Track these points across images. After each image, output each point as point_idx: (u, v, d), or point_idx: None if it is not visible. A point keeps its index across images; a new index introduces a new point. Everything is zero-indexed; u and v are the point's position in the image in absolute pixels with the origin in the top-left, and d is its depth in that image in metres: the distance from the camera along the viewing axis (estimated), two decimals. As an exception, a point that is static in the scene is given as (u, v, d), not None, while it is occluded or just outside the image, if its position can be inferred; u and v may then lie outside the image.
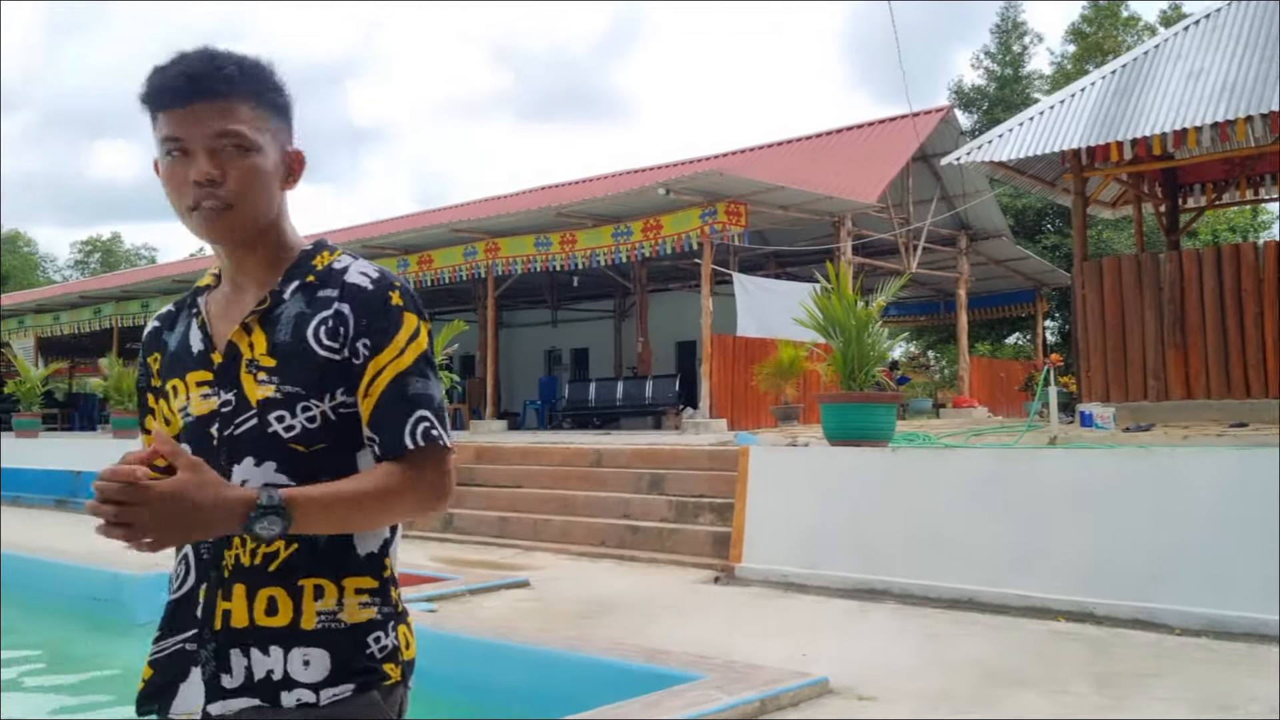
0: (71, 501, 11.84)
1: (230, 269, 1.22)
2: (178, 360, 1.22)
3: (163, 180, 1.16)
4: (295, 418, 1.14)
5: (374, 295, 1.18)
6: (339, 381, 1.15)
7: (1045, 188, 10.32)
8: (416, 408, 1.15)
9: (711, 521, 7.16)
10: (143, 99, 1.15)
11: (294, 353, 1.15)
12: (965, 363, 15.97)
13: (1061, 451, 6.02)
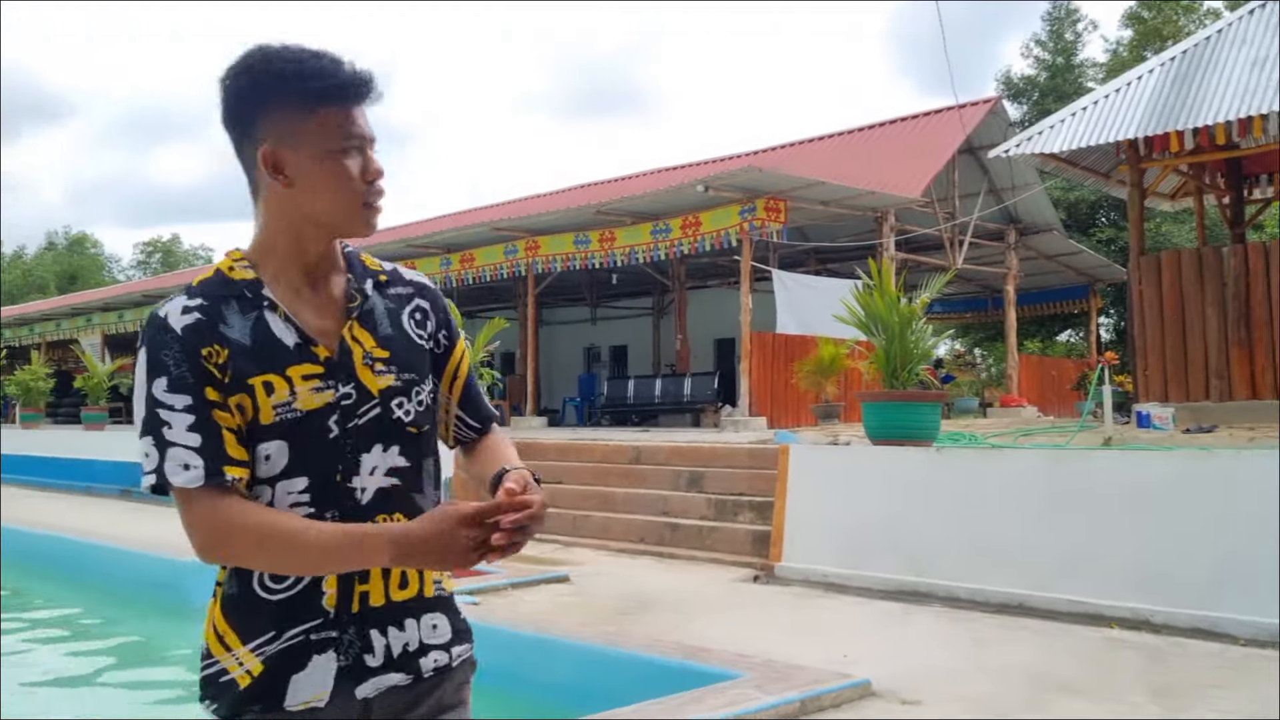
0: (134, 491, 12.17)
1: (309, 261, 1.21)
2: (265, 354, 1.15)
3: (333, 174, 1.16)
4: (411, 403, 1.23)
5: (439, 294, 1.36)
6: (430, 368, 1.28)
7: (1100, 180, 10.01)
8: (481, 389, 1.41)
9: (751, 520, 7.07)
10: (313, 93, 1.14)
11: (403, 344, 1.24)
12: (1014, 361, 15.57)
13: (1116, 453, 5.80)
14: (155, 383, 1.13)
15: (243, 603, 1.17)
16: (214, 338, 1.15)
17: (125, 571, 7.10)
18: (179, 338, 1.14)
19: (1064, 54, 24.25)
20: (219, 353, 1.15)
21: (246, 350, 1.15)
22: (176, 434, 1.11)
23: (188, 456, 1.11)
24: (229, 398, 1.14)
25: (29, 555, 8.27)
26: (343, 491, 1.17)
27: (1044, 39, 24.65)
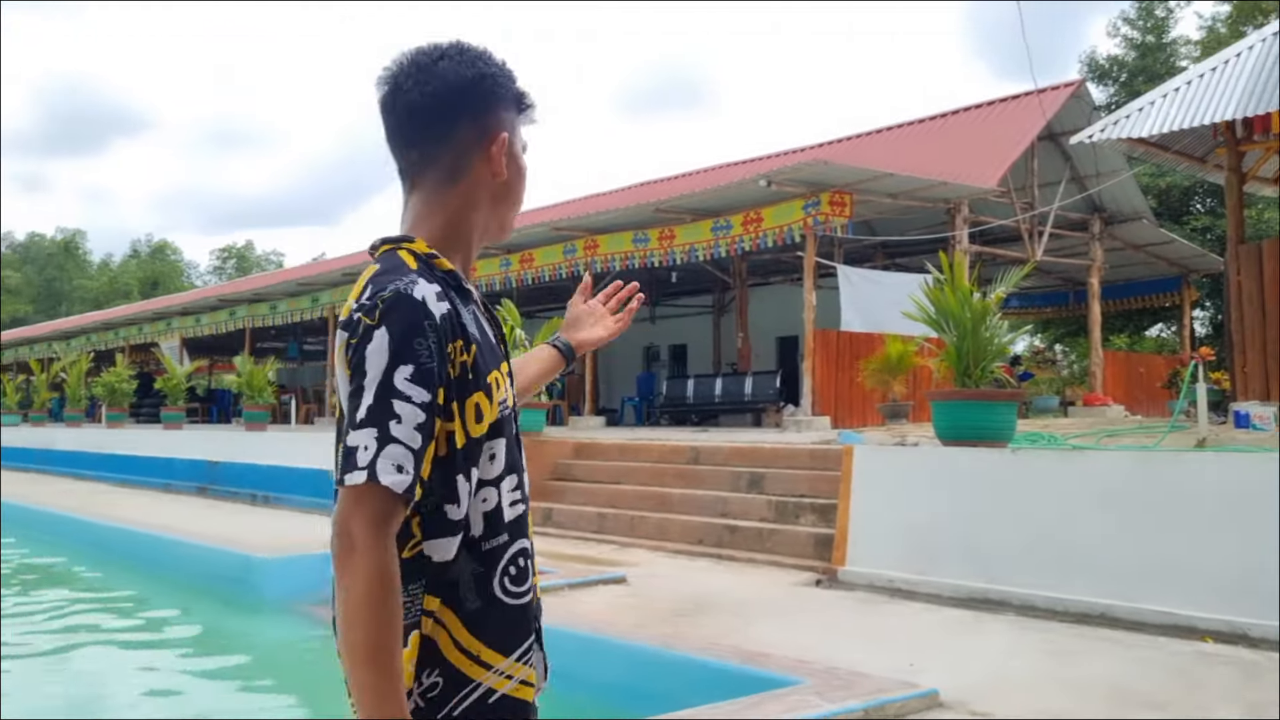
0: (210, 488, 12.68)
1: (467, 258, 1.21)
2: (490, 350, 1.14)
3: (521, 173, 1.22)
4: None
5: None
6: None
7: (1194, 164, 9.42)
8: None
9: (813, 522, 6.85)
10: (521, 96, 1.21)
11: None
12: (1098, 357, 14.79)
13: (1211, 455, 5.39)
14: (400, 369, 1.01)
15: (494, 614, 1.10)
16: (460, 332, 1.09)
17: (201, 565, 7.33)
18: (437, 326, 1.05)
19: (1155, 32, 22.98)
20: (463, 350, 1.08)
21: (483, 345, 1.13)
22: (403, 430, 1.00)
23: (405, 458, 1.00)
24: (467, 398, 1.08)
25: (110, 549, 8.65)
26: (530, 487, 1.20)
27: (1132, 16, 23.42)
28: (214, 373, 31.17)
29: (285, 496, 11.06)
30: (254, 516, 10.22)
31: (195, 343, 23.38)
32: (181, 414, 17.68)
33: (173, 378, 17.63)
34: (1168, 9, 23.17)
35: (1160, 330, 23.99)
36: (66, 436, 18.35)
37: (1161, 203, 19.55)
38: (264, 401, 15.39)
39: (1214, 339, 19.46)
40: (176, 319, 22.76)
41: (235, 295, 20.78)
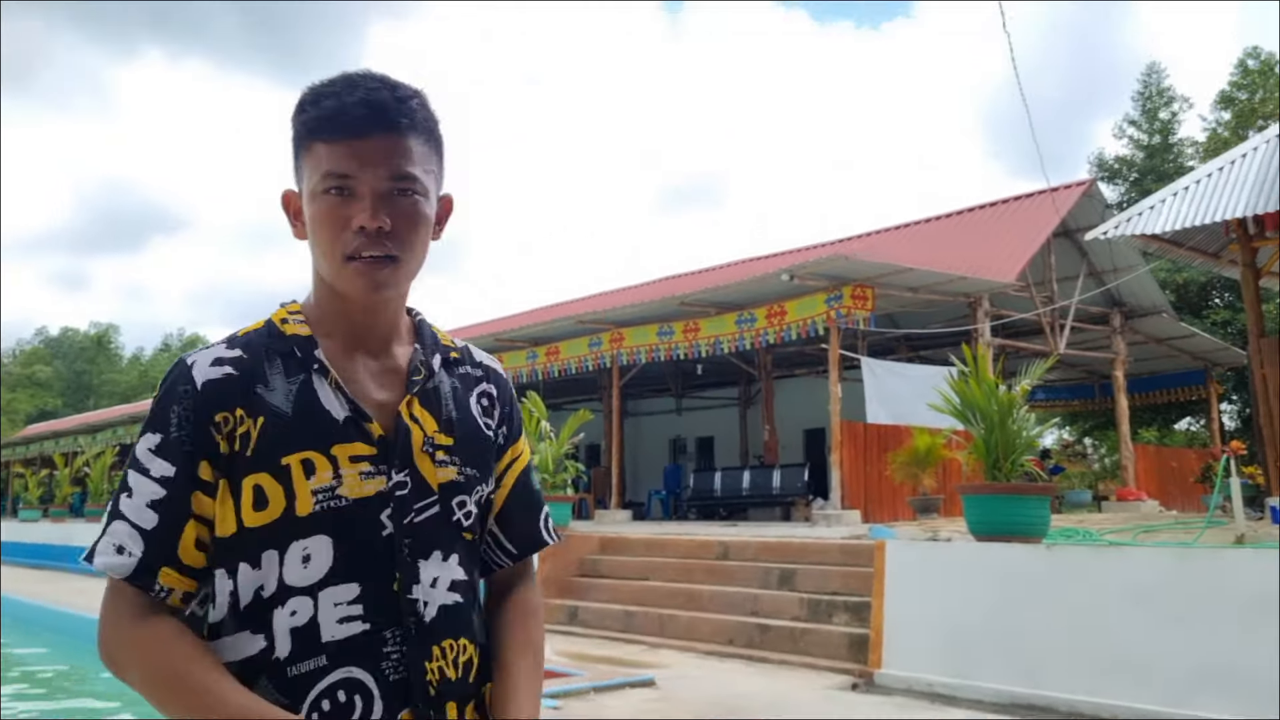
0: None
1: (355, 326, 1.02)
2: (308, 427, 0.96)
3: (314, 220, 0.98)
4: (473, 501, 1.04)
5: (508, 382, 1.16)
6: (492, 465, 1.10)
7: (1208, 260, 9.54)
8: (543, 503, 1.17)
9: (847, 621, 6.71)
10: (306, 124, 0.98)
11: (468, 431, 1.06)
12: (1128, 451, 14.62)
13: (1251, 551, 5.29)
14: (146, 437, 0.96)
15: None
16: (241, 401, 0.95)
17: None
18: (196, 393, 0.95)
19: (1161, 133, 23.66)
20: (242, 420, 0.95)
21: (285, 420, 0.96)
22: (133, 506, 0.93)
23: (128, 538, 0.92)
24: (246, 477, 0.94)
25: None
26: (404, 605, 0.96)
27: (1137, 119, 24.16)
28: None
29: None
30: None
31: None
32: None
33: None
34: (1171, 113, 23.90)
35: (1189, 423, 23.70)
36: (86, 533, 18.08)
37: (1180, 297, 19.67)
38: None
39: (1244, 432, 19.19)
40: None
41: None
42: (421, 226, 1.00)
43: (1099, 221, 11.41)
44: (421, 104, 1.01)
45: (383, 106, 0.96)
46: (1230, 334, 17.85)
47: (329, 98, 0.97)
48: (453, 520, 1.02)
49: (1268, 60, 22.81)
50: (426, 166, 1.01)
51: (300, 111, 0.99)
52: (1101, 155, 24.37)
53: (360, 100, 0.96)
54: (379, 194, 0.97)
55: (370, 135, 0.96)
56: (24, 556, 18.04)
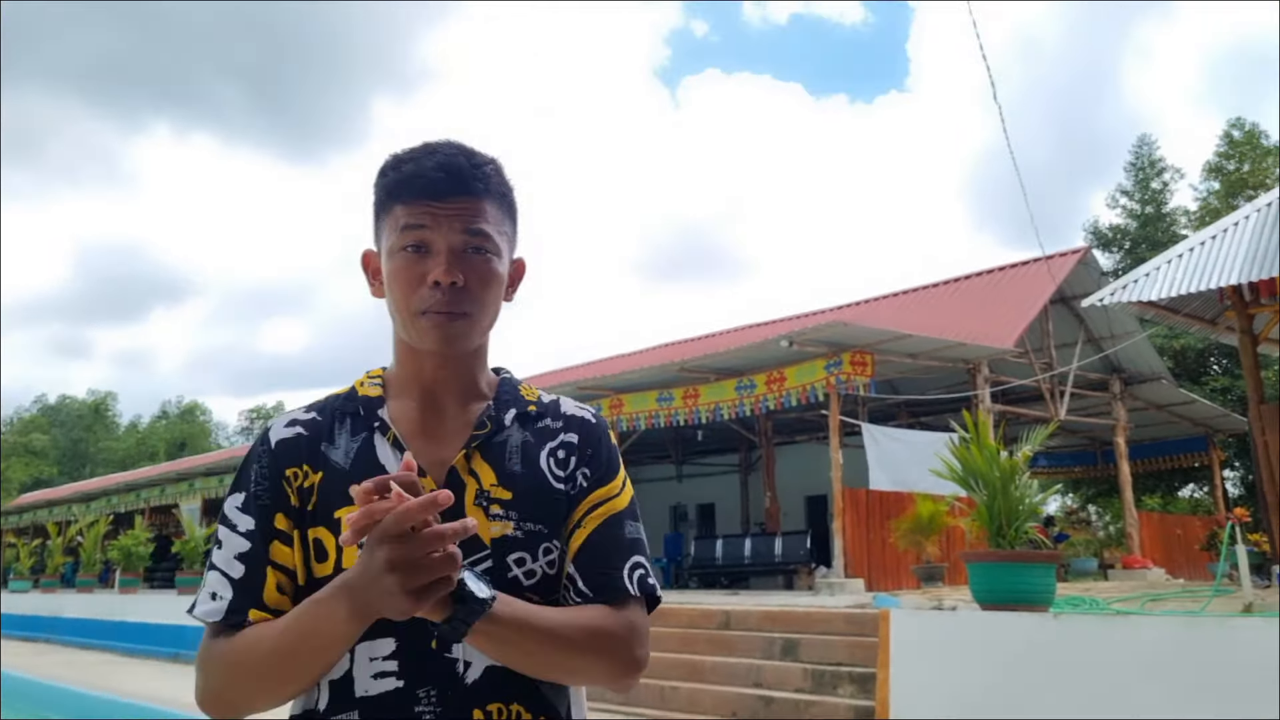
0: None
1: (427, 382, 1.06)
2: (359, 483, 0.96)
3: (391, 276, 1.03)
4: (537, 561, 1.01)
5: (597, 428, 1.12)
6: (564, 518, 1.05)
7: (1205, 326, 9.64)
8: (634, 553, 1.06)
9: (852, 693, 6.56)
10: (386, 188, 1.04)
11: (532, 485, 1.03)
12: (1132, 518, 14.48)
13: (1260, 621, 5.21)
14: (232, 497, 1.04)
15: None
16: (308, 458, 1.02)
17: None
18: (270, 452, 1.03)
19: (1153, 203, 24.15)
20: (307, 475, 1.02)
21: (343, 475, 1.00)
22: (223, 557, 1.00)
23: (221, 586, 0.99)
24: (310, 530, 1.00)
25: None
26: (440, 664, 0.95)
27: (1130, 189, 24.69)
28: (235, 535, 30.64)
29: None
30: None
31: (218, 504, 23.15)
32: (198, 578, 17.03)
33: (191, 540, 17.06)
34: (1163, 182, 24.46)
35: (1193, 490, 23.54)
36: (76, 603, 17.69)
37: (1178, 364, 19.78)
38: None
39: (1248, 499, 19.05)
40: (200, 479, 22.41)
41: None
42: (494, 284, 1.04)
43: (1095, 289, 11.56)
44: (496, 170, 1.06)
45: (459, 170, 1.02)
46: (1230, 400, 17.89)
47: (409, 162, 1.03)
48: (508, 578, 0.99)
49: (1251, 131, 23.46)
50: (500, 228, 1.05)
51: (382, 176, 1.05)
52: (1096, 224, 24.88)
53: (438, 164, 1.02)
54: (454, 251, 1.01)
55: (447, 197, 1.01)
56: (13, 629, 17.62)
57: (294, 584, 1.00)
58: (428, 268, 1.01)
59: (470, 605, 0.86)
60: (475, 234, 1.02)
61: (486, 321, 1.05)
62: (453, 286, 1.00)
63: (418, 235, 1.01)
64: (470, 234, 1.02)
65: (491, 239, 1.03)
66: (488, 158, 1.06)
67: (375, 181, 1.07)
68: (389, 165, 1.05)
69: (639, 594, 1.04)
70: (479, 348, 1.08)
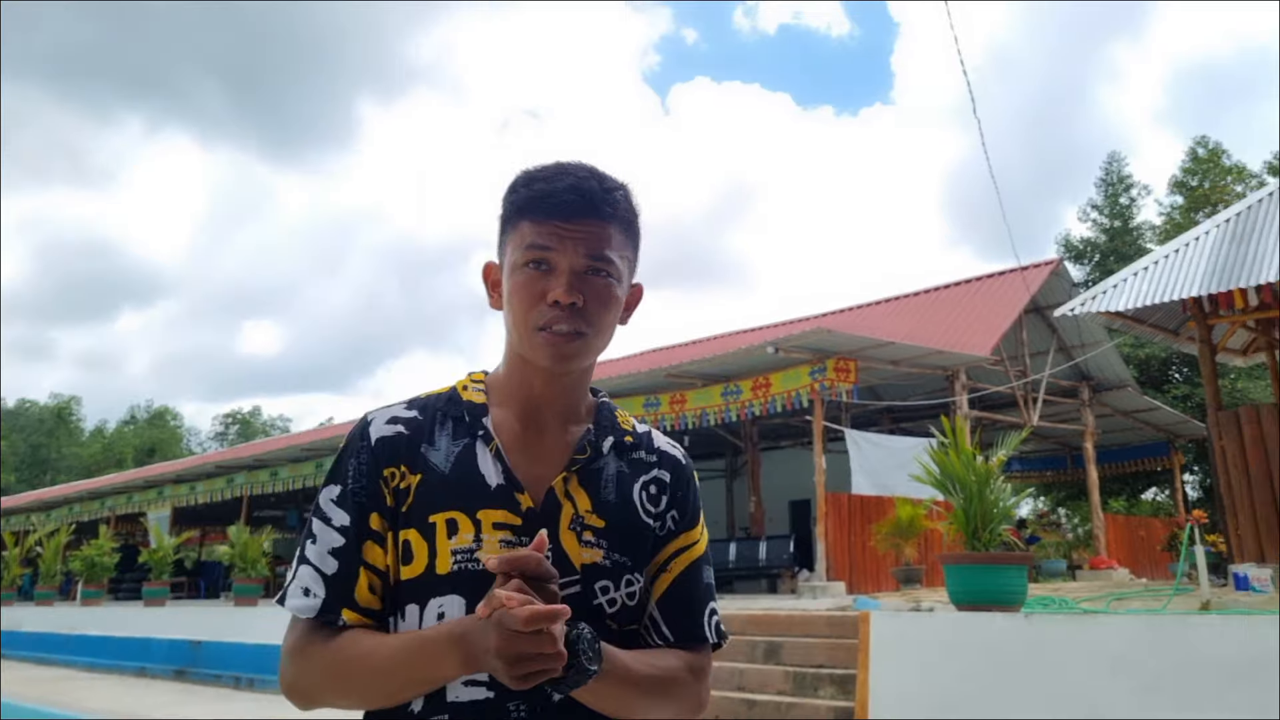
0: (190, 671, 11.79)
1: (534, 397, 1.07)
2: (461, 489, 1.01)
3: (512, 291, 1.04)
4: (618, 591, 1.02)
5: (687, 469, 1.13)
6: (649, 554, 1.07)
7: (1168, 336, 10.02)
8: (711, 598, 1.11)
9: (833, 695, 6.78)
10: (516, 204, 1.05)
11: (623, 517, 1.04)
12: (1099, 520, 14.95)
13: (1217, 619, 5.54)
14: (328, 489, 1.04)
15: None
16: (408, 458, 1.03)
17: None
18: (370, 449, 1.03)
19: (1121, 217, 24.80)
20: (405, 477, 1.02)
21: (441, 479, 1.02)
22: (317, 552, 1.01)
23: (313, 581, 1.00)
24: (401, 531, 1.01)
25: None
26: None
27: (1100, 204, 25.34)
28: (205, 544, 29.89)
29: (273, 679, 10.17)
30: (236, 703, 9.49)
31: (188, 512, 22.16)
32: (165, 589, 16.14)
33: (159, 550, 16.25)
34: (1130, 198, 25.15)
35: (1155, 493, 24.20)
36: (35, 617, 16.94)
37: (1143, 372, 20.36)
38: (257, 574, 14.29)
39: (1206, 502, 19.67)
40: (169, 487, 21.59)
41: (234, 461, 20.06)
42: (612, 307, 1.05)
43: (1067, 299, 11.95)
44: (625, 196, 1.07)
45: (590, 194, 1.03)
46: (1190, 407, 18.46)
47: (540, 181, 1.05)
48: (594, 604, 1.01)
49: (1214, 149, 24.18)
50: (623, 253, 1.06)
51: (512, 191, 1.07)
52: (1068, 237, 25.51)
53: (569, 186, 1.03)
54: (576, 272, 1.02)
55: (575, 219, 1.02)
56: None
57: (385, 585, 1.01)
58: (549, 286, 1.02)
59: (581, 674, 0.89)
60: (598, 258, 1.03)
61: (600, 343, 1.06)
62: (572, 306, 1.02)
63: (543, 254, 1.02)
64: (593, 258, 1.03)
65: (614, 263, 1.04)
66: (618, 183, 1.07)
67: (504, 196, 1.08)
68: (520, 181, 1.06)
69: (715, 640, 1.09)
70: (587, 369, 1.09)
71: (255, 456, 19.64)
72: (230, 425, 53.82)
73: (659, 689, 1.00)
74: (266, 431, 50.89)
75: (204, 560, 27.55)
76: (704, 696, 1.07)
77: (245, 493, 19.63)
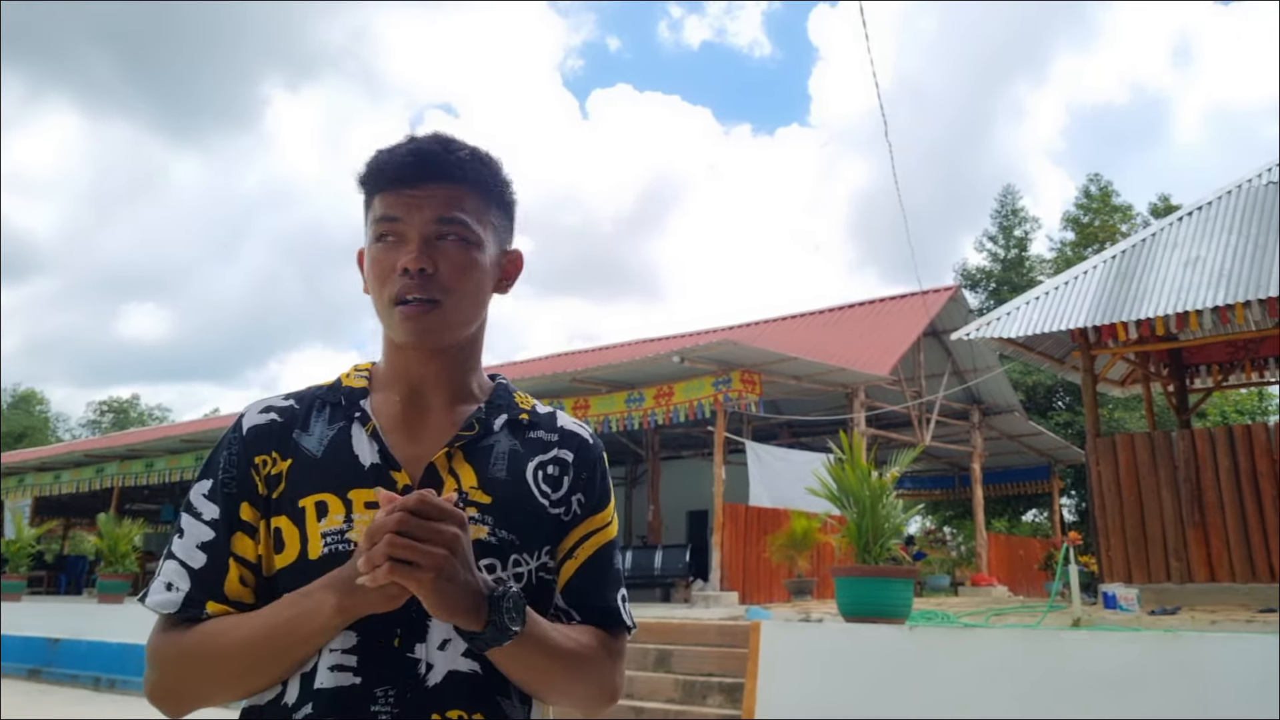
0: (45, 671, 11.15)
1: (413, 378, 1.03)
2: (332, 470, 0.97)
3: (367, 267, 1.01)
4: (505, 570, 0.97)
5: (594, 450, 1.08)
6: (549, 538, 1.01)
7: (1054, 365, 10.51)
8: (620, 584, 1.06)
9: (720, 703, 6.77)
10: (361, 179, 1.02)
11: (513, 494, 0.99)
12: (982, 539, 15.59)
13: (1087, 634, 5.76)
14: (199, 483, 1.00)
15: None
16: (278, 445, 0.99)
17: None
18: (242, 439, 1.00)
19: (1015, 248, 26.11)
20: (275, 463, 0.98)
21: (312, 462, 0.98)
22: (183, 546, 0.97)
23: (177, 576, 0.95)
24: (272, 518, 0.97)
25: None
26: (402, 663, 0.91)
27: (995, 235, 26.62)
28: (69, 536, 28.10)
29: (136, 680, 9.68)
30: (92, 706, 8.98)
31: (52, 502, 21.10)
32: (22, 584, 15.38)
33: (17, 541, 15.42)
34: (1024, 231, 26.52)
35: (1034, 515, 25.51)
36: None
37: (1030, 398, 21.45)
38: (125, 570, 13.51)
39: (1081, 524, 20.85)
40: (32, 475, 20.43)
41: (106, 451, 19.04)
42: (470, 273, 1.00)
43: (963, 324, 12.42)
44: (475, 157, 1.02)
45: (432, 155, 0.99)
46: (1070, 434, 19.54)
47: (385, 153, 1.01)
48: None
49: (1106, 187, 25.81)
50: (481, 217, 1.01)
51: (362, 171, 1.03)
52: (965, 265, 26.68)
53: (410, 150, 0.99)
54: (424, 237, 0.98)
55: (419, 184, 0.98)
56: None
57: (257, 577, 0.97)
58: (399, 255, 0.98)
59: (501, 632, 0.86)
60: (449, 221, 0.98)
61: (465, 313, 1.01)
62: (421, 273, 0.97)
63: (390, 225, 0.99)
64: (443, 221, 0.98)
65: (468, 226, 0.99)
66: (467, 145, 1.02)
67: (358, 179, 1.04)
68: (369, 159, 1.03)
69: (631, 624, 1.05)
70: (467, 346, 1.04)
71: (129, 446, 18.75)
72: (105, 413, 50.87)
73: (576, 664, 0.97)
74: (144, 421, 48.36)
75: (66, 554, 26.04)
76: (619, 681, 1.03)
77: (116, 484, 18.75)
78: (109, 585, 13.20)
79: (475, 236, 1.00)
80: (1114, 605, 7.53)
